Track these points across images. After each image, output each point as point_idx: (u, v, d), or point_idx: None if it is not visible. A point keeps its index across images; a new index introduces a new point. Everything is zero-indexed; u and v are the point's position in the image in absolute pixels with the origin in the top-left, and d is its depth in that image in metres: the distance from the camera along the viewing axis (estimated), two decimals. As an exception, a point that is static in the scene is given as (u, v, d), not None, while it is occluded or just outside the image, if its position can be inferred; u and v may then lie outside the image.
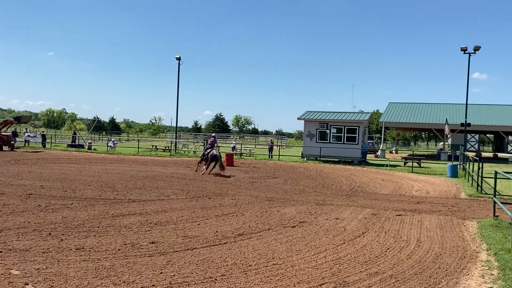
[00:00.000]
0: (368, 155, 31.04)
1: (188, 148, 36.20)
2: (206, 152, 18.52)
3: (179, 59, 32.36)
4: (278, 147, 40.27)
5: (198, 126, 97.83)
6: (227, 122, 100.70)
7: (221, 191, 13.26)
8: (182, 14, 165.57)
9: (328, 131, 27.73)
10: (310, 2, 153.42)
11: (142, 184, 13.97)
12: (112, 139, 39.77)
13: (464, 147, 26.65)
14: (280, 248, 6.90)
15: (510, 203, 10.07)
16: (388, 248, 7.14)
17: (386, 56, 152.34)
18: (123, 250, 6.40)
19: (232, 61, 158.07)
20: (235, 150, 33.31)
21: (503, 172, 9.70)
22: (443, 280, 5.59)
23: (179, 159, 26.83)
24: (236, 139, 63.22)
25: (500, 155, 44.17)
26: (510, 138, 47.99)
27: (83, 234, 7.26)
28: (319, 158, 27.53)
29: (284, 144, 55.35)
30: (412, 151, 55.81)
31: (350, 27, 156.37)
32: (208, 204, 10.90)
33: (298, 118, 28.74)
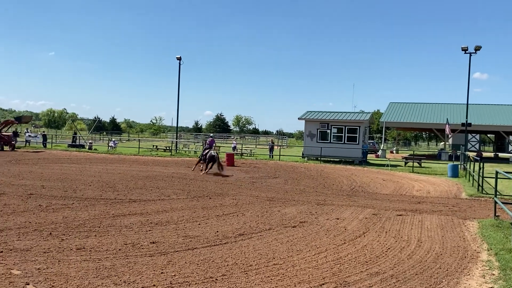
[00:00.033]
0: (368, 155, 31.05)
1: (188, 148, 36.21)
2: (205, 153, 18.63)
3: (179, 59, 32.35)
4: (279, 147, 40.26)
5: (199, 126, 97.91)
6: (227, 122, 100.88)
7: (221, 191, 13.26)
8: (182, 14, 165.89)
9: (328, 131, 27.72)
10: (310, 2, 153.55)
11: (143, 184, 13.98)
12: (113, 139, 39.81)
13: (465, 147, 26.63)
14: (280, 248, 6.90)
15: (511, 203, 10.07)
16: (389, 248, 7.14)
17: (387, 56, 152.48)
18: (124, 250, 6.41)
19: (232, 61, 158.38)
20: (235, 150, 33.31)
21: (504, 172, 9.71)
22: (444, 280, 5.59)
23: (180, 159, 26.83)
24: (237, 139, 63.22)
25: (501, 155, 44.12)
26: (511, 138, 47.95)
27: (84, 234, 7.26)
28: (319, 158, 27.52)
29: (285, 144, 55.26)
30: (412, 151, 55.63)
31: (350, 27, 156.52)
32: (209, 204, 10.90)
33: (298, 118, 28.76)
